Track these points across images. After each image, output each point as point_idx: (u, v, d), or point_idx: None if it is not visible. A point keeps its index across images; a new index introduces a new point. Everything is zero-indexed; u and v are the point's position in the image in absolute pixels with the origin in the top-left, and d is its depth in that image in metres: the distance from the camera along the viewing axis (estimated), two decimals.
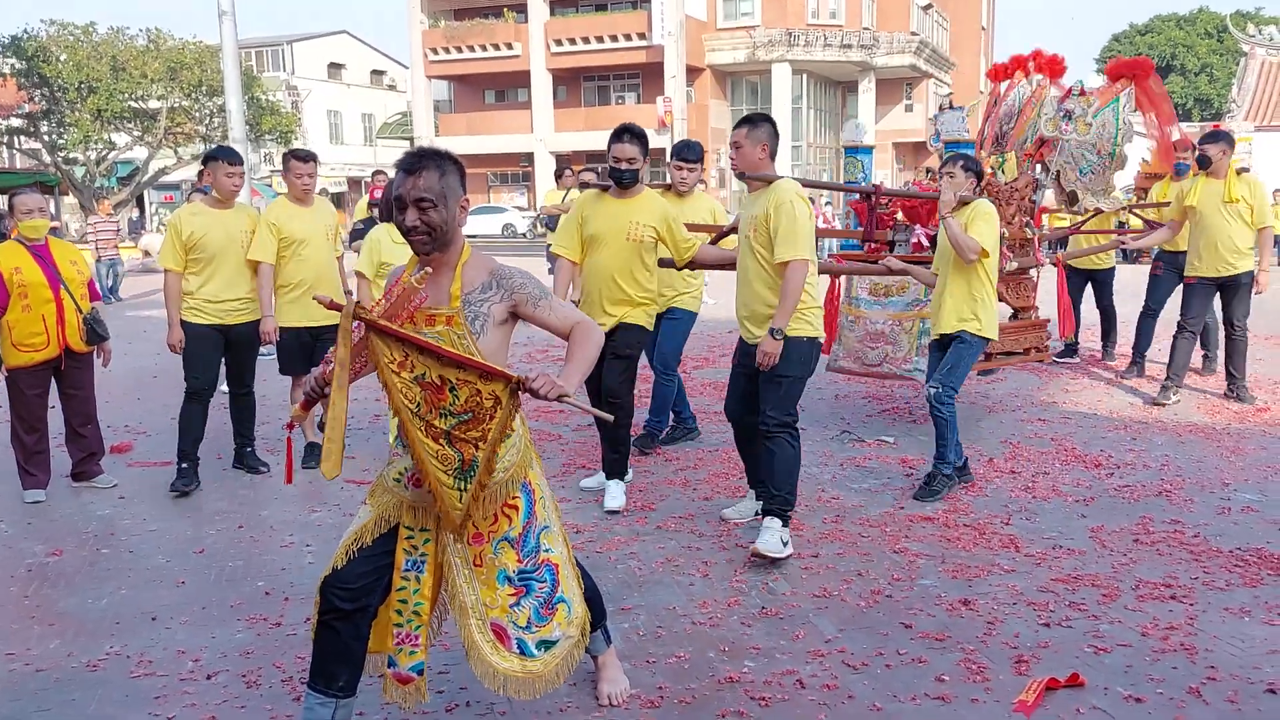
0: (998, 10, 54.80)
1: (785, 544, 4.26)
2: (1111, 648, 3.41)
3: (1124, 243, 7.77)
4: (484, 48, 39.38)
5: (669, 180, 6.18)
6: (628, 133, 5.01)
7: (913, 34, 39.72)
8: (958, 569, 4.14)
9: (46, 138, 32.77)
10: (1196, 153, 7.03)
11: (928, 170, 7.90)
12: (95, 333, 5.27)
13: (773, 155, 4.48)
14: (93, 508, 5.18)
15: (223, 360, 5.55)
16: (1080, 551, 4.32)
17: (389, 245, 5.38)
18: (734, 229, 5.18)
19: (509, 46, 39.02)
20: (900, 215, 6.44)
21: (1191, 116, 46.91)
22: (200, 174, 5.66)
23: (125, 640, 3.62)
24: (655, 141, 36.56)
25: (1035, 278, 6.81)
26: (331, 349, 2.62)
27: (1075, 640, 3.48)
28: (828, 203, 24.63)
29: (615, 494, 4.99)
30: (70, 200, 35.95)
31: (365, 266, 5.43)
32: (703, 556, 4.34)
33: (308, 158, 5.71)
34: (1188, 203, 6.94)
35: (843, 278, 6.50)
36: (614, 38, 37.28)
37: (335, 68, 50.69)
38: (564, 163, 15.93)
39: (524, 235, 35.00)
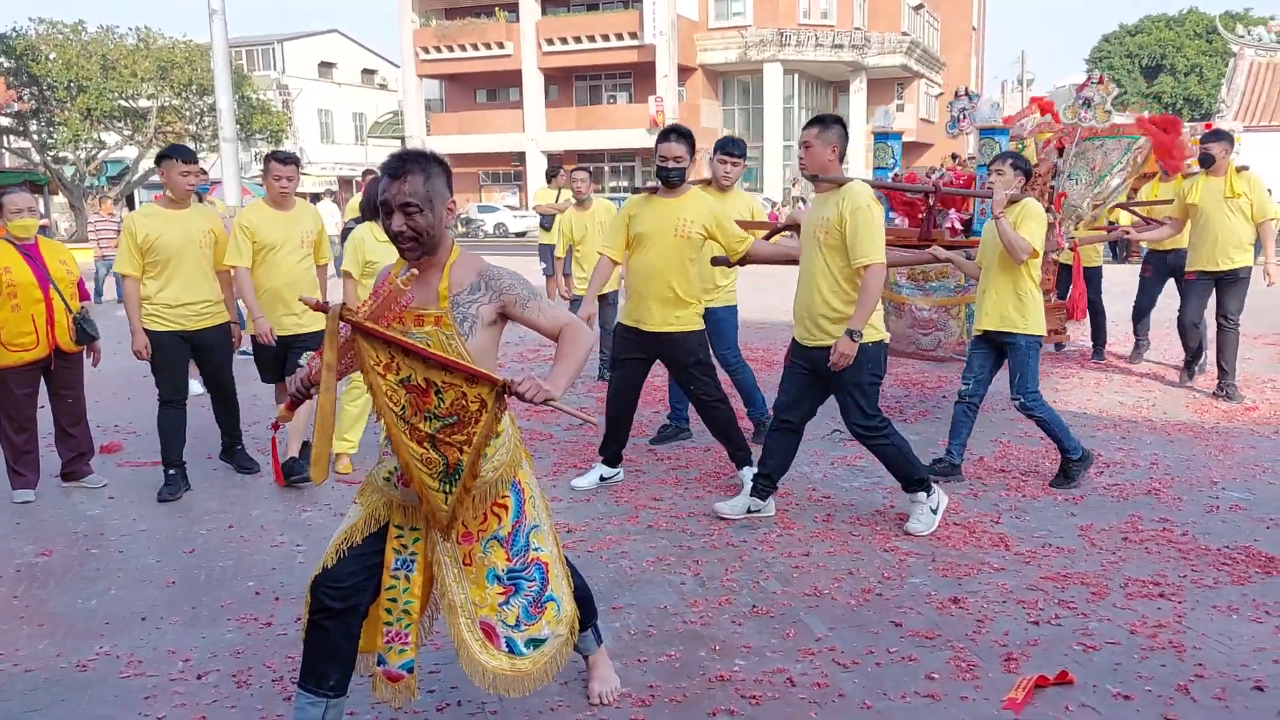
0: (988, 11, 54.93)
1: (935, 511, 4.58)
2: (1100, 645, 3.43)
3: (1127, 232, 7.88)
4: (475, 47, 39.35)
5: (707, 175, 6.20)
6: (675, 133, 5.05)
7: (904, 34, 39.81)
8: (948, 567, 4.16)
9: (36, 137, 32.64)
10: (1199, 151, 7.20)
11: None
12: (85, 332, 5.26)
13: (841, 157, 4.53)
14: (82, 508, 5.16)
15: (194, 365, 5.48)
16: (1069, 550, 4.34)
17: (373, 243, 5.38)
18: (788, 226, 5.32)
19: (500, 46, 39.00)
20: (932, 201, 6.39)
21: (1181, 116, 47.13)
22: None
23: (115, 640, 3.61)
24: (646, 141, 36.66)
25: (1055, 260, 6.96)
26: (314, 351, 2.62)
27: (1064, 638, 3.50)
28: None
29: (748, 477, 5.06)
30: (60, 199, 35.82)
31: (351, 266, 5.41)
32: (694, 556, 4.35)
33: (288, 160, 5.54)
34: (1190, 200, 7.09)
35: None
36: (605, 37, 37.28)
37: (326, 67, 50.57)
38: (556, 162, 15.93)
39: (520, 235, 34.81)
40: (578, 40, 37.70)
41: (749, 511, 4.78)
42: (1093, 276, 8.70)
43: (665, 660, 3.39)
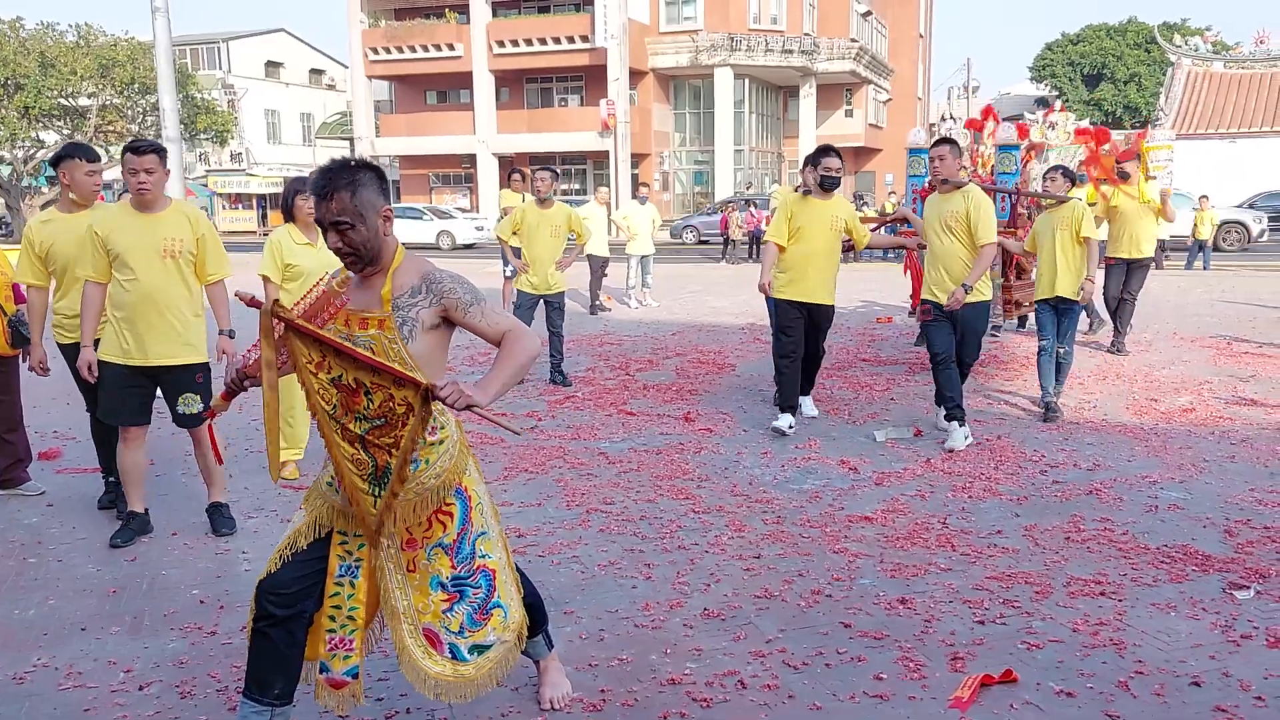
0: (935, 18, 55.72)
1: (967, 436, 6.12)
2: (1044, 644, 3.49)
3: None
4: (425, 48, 39.07)
5: (806, 184, 7.18)
6: (834, 151, 6.61)
7: (852, 40, 40.25)
8: (896, 568, 4.20)
9: None
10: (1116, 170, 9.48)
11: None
12: (20, 335, 5.12)
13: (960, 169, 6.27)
14: (19, 515, 5.04)
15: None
16: (1014, 550, 4.42)
17: (291, 246, 5.28)
18: (896, 219, 7.82)
19: (450, 47, 38.77)
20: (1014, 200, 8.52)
21: (1121, 124, 48.16)
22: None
23: (54, 651, 3.53)
24: (598, 144, 36.70)
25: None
26: (249, 347, 2.62)
27: (1009, 637, 3.56)
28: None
29: (809, 408, 6.96)
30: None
31: (269, 270, 5.29)
32: (645, 559, 4.36)
33: (146, 149, 4.41)
34: (1113, 204, 9.46)
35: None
36: (557, 40, 37.23)
37: (273, 66, 49.88)
38: (508, 164, 15.93)
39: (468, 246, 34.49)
40: (529, 43, 37.60)
41: (966, 439, 6.11)
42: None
43: (616, 664, 3.39)
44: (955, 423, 6.16)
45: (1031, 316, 9.40)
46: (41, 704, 3.17)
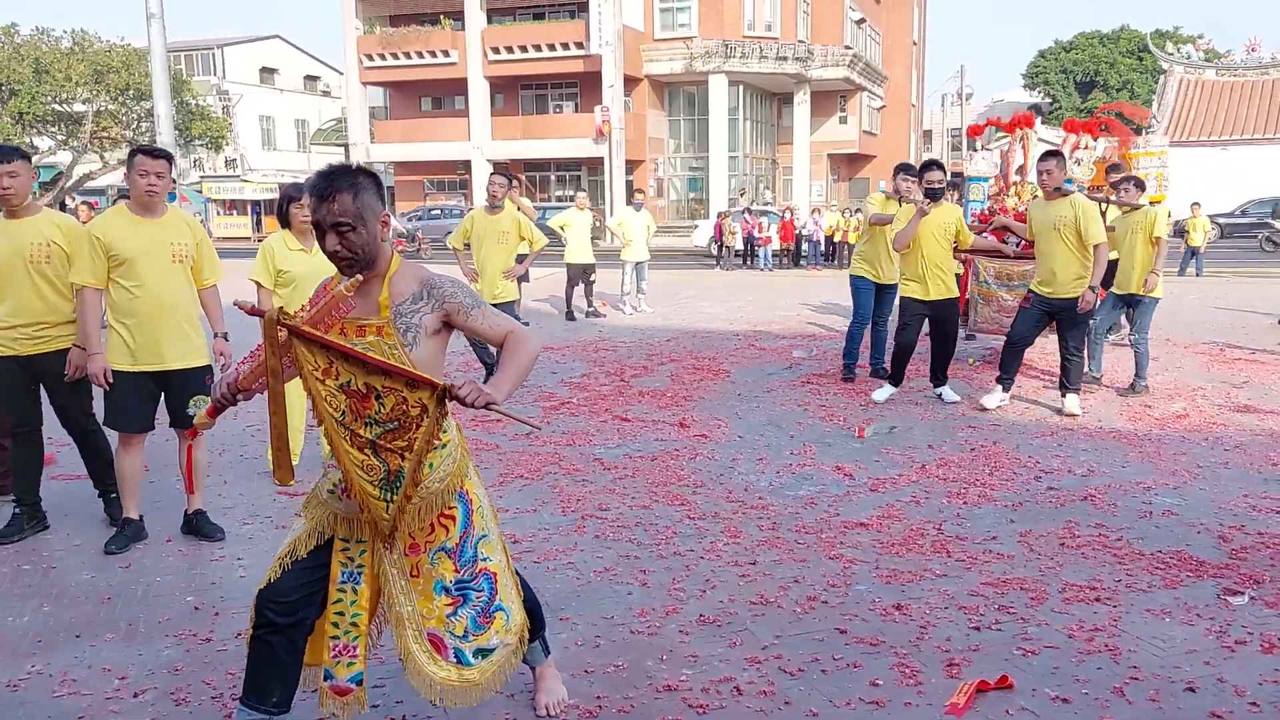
0: (929, 25, 55.90)
1: (1001, 402, 7.31)
2: (1039, 650, 3.50)
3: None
4: (420, 55, 39.07)
5: (886, 189, 8.26)
6: (937, 165, 7.67)
7: (846, 47, 40.33)
8: (892, 574, 4.21)
9: None
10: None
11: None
12: None
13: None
14: None
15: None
16: (1009, 556, 4.42)
17: (284, 252, 5.27)
18: (1002, 226, 8.60)
19: (446, 54, 38.76)
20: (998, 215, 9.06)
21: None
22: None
23: (48, 659, 3.52)
24: (593, 151, 36.65)
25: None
26: (240, 361, 2.60)
27: (1004, 643, 3.56)
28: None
29: (950, 394, 7.70)
30: None
31: (261, 275, 5.29)
32: (641, 565, 4.36)
33: (159, 154, 4.51)
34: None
35: (976, 265, 9.09)
36: (552, 46, 37.23)
37: (268, 73, 49.86)
38: (503, 171, 15.92)
39: None
40: (524, 49, 37.60)
41: (999, 404, 7.30)
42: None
43: (613, 670, 3.39)
44: (1000, 387, 7.38)
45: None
46: (36, 711, 3.16)
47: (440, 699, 2.68)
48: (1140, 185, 8.07)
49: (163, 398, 4.63)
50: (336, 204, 2.53)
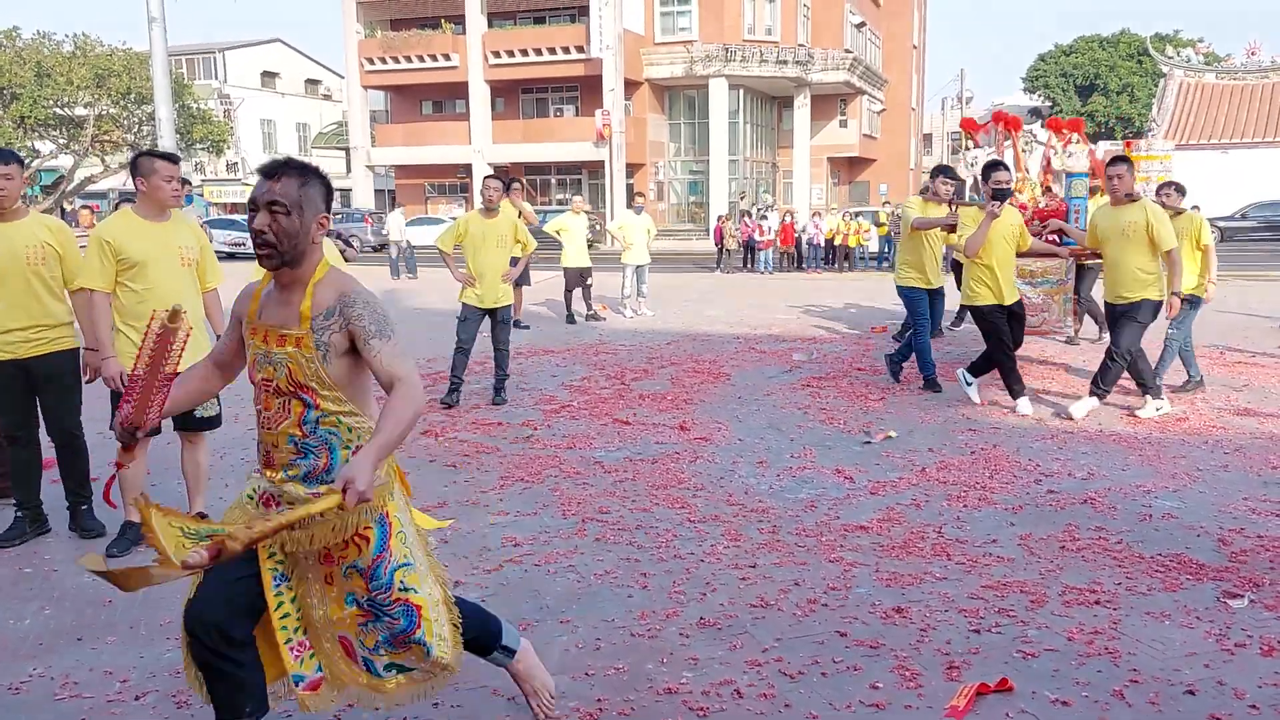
0: (929, 29, 55.97)
1: (1159, 409, 7.08)
2: (1039, 653, 3.50)
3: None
4: (421, 58, 39.14)
5: (936, 191, 8.12)
6: (1002, 165, 7.46)
7: (846, 51, 40.38)
8: (892, 577, 4.21)
9: None
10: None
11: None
12: None
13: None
14: None
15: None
16: (1009, 559, 4.43)
17: None
18: (1058, 230, 8.37)
19: (446, 57, 38.84)
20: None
21: (1114, 135, 48.34)
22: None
23: (49, 661, 3.52)
24: (593, 154, 36.65)
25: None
26: (121, 400, 2.54)
27: (1004, 646, 3.57)
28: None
29: (1024, 407, 7.35)
30: None
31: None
32: (641, 568, 4.36)
33: (176, 159, 4.67)
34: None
35: None
36: (552, 50, 37.30)
37: (269, 76, 49.98)
38: (504, 175, 15.95)
39: None
40: (524, 53, 37.67)
41: (1157, 410, 7.09)
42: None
43: (613, 673, 3.39)
44: (1149, 399, 7.21)
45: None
46: (37, 714, 3.17)
47: (356, 700, 2.66)
48: (1181, 190, 7.97)
49: None
50: (279, 183, 2.47)
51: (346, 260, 6.21)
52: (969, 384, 7.70)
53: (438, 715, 3.10)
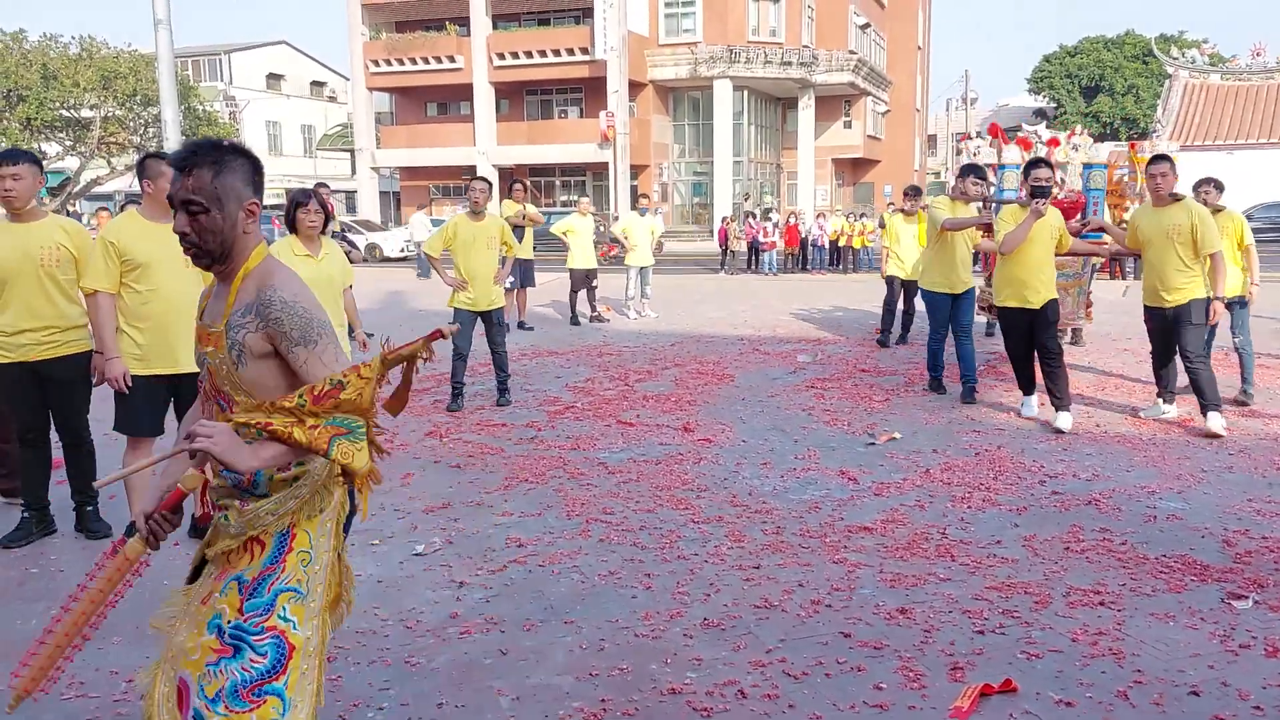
0: (933, 30, 55.93)
1: (1220, 425, 6.57)
2: (1043, 653, 3.51)
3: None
4: (426, 60, 39.18)
5: (962, 190, 7.98)
6: (1044, 163, 7.12)
7: (851, 52, 40.36)
8: (895, 578, 4.22)
9: None
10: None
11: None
12: None
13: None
14: None
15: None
16: (1013, 560, 4.43)
17: (289, 257, 5.26)
18: (1099, 228, 7.98)
19: (451, 59, 38.87)
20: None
21: (1118, 136, 48.28)
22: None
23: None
24: (597, 156, 36.65)
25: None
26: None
27: (1009, 647, 3.57)
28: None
29: (1063, 420, 6.83)
30: None
31: None
32: (645, 569, 4.37)
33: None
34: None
35: None
36: (556, 52, 37.32)
37: (274, 78, 50.10)
38: (508, 176, 15.97)
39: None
40: (529, 55, 37.70)
41: (1163, 414, 7.00)
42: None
43: (617, 674, 3.40)
44: (1162, 400, 7.08)
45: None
46: (44, 713, 3.19)
47: None
48: (1220, 186, 7.67)
49: (173, 402, 4.67)
50: (193, 179, 2.21)
51: (352, 262, 6.21)
52: (1069, 423, 6.89)
53: (441, 715, 3.11)
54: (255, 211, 2.29)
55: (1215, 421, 6.56)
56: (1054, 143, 10.24)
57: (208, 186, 2.21)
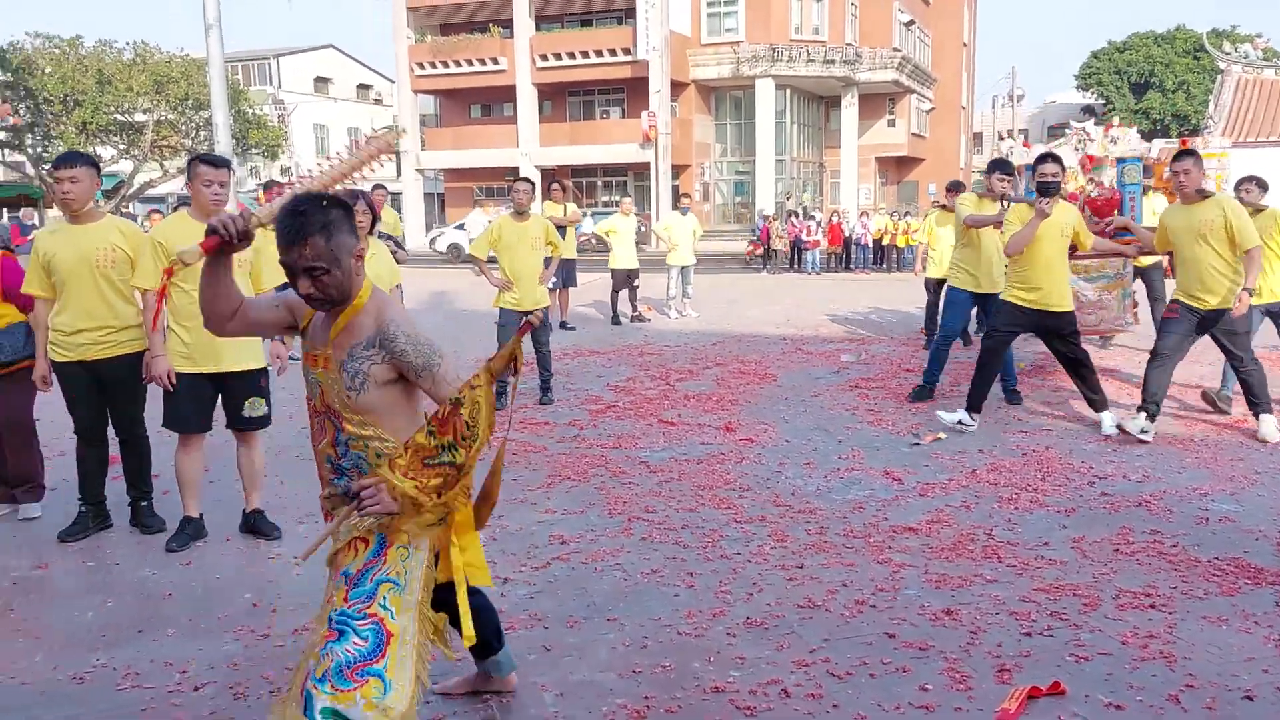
0: (979, 27, 55.26)
1: (1276, 431, 6.36)
2: (1092, 656, 3.46)
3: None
4: (470, 62, 39.44)
5: (992, 189, 7.70)
6: (1051, 157, 6.72)
7: (895, 50, 40.00)
8: (941, 579, 4.18)
9: (31, 150, 32.68)
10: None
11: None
12: None
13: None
14: None
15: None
16: (1062, 562, 4.37)
17: None
18: (1120, 228, 7.61)
19: (495, 61, 39.10)
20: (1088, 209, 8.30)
21: (1169, 132, 47.36)
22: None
23: (112, 653, 3.62)
24: (639, 156, 36.65)
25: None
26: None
27: (1057, 649, 3.53)
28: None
29: (1107, 421, 6.63)
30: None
31: None
32: (688, 567, 4.37)
33: (221, 163, 4.68)
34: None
35: None
36: (599, 53, 37.38)
37: (322, 82, 50.74)
38: (549, 176, 16.06)
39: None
40: (571, 56, 37.81)
41: (1141, 431, 6.36)
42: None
43: (660, 671, 3.41)
44: (1144, 414, 6.46)
45: None
46: (100, 703, 3.26)
47: None
48: (1264, 185, 7.35)
49: (220, 400, 4.77)
50: (309, 248, 2.40)
51: (399, 263, 6.28)
52: (1114, 423, 6.66)
53: (486, 708, 3.13)
54: (362, 255, 2.51)
55: (1268, 426, 6.39)
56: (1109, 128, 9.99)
57: (325, 251, 2.41)
